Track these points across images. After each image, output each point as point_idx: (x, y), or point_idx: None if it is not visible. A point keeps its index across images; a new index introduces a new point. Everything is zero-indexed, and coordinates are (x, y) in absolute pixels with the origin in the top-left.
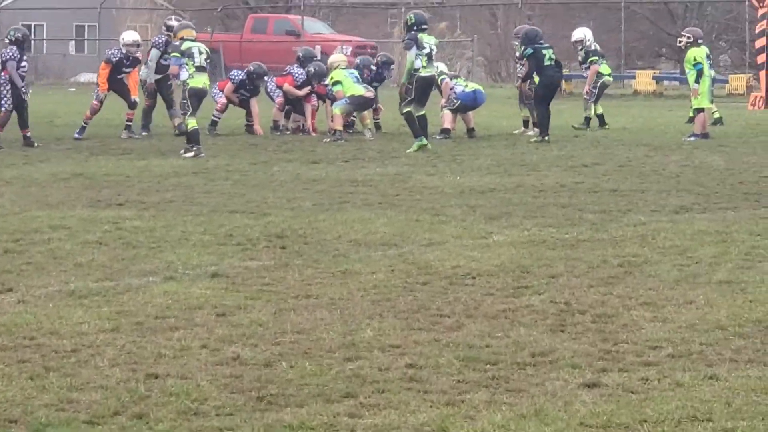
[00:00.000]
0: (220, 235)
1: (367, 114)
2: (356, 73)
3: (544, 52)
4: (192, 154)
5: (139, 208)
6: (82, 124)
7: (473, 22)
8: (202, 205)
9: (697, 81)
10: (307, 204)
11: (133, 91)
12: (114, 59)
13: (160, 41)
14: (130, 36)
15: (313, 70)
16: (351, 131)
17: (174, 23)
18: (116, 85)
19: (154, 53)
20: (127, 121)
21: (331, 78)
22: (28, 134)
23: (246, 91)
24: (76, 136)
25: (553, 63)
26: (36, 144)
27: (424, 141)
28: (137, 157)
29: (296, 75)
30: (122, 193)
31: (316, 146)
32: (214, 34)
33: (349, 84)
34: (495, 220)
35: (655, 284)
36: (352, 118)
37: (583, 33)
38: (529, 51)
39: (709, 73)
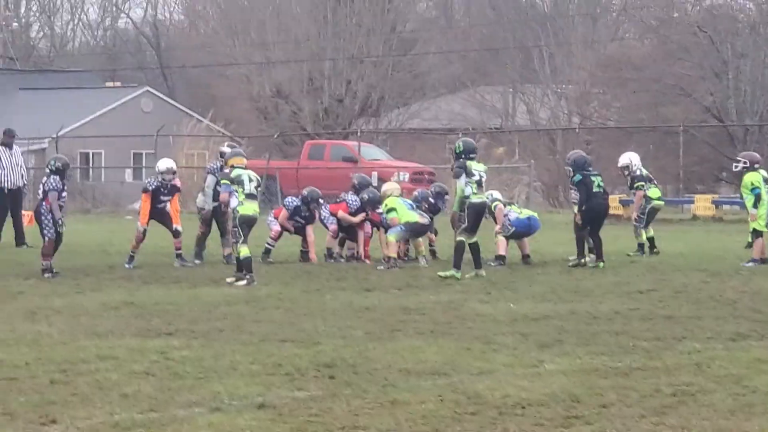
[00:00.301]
0: (268, 364)
1: (422, 241)
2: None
3: (593, 179)
4: (244, 282)
5: (188, 337)
6: (130, 253)
7: (531, 147)
8: (252, 334)
9: (755, 205)
10: (359, 332)
11: (175, 219)
12: (151, 187)
13: (216, 168)
14: (164, 164)
15: (367, 197)
16: (405, 258)
17: (227, 150)
18: (157, 214)
19: (210, 180)
20: (176, 250)
21: (386, 205)
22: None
23: (301, 218)
24: (127, 266)
25: (601, 190)
26: (56, 272)
27: (459, 275)
28: (188, 286)
29: (350, 202)
30: (172, 321)
31: (370, 274)
32: (270, 161)
33: (403, 211)
34: (547, 348)
35: (709, 414)
36: (407, 245)
37: (628, 158)
38: (578, 177)
39: (767, 197)
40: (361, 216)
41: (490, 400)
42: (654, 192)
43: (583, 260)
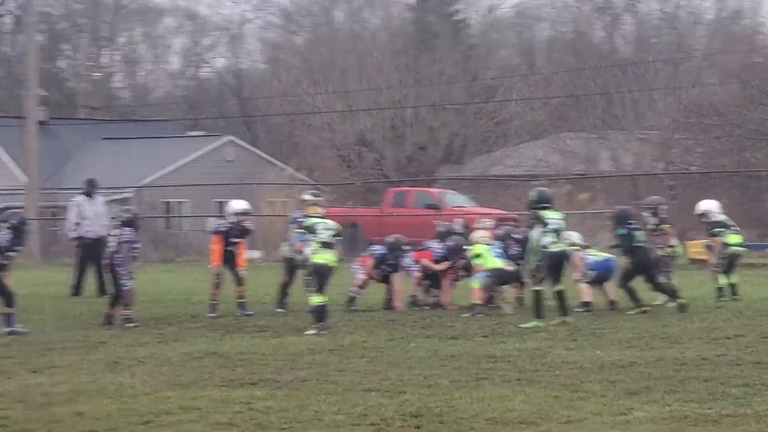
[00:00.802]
0: (353, 414)
1: (508, 288)
2: (498, 247)
3: (635, 233)
4: (313, 331)
5: (272, 387)
6: (211, 302)
7: (615, 192)
8: (336, 383)
9: None
10: (444, 381)
11: (239, 263)
12: (223, 229)
13: (299, 217)
14: (238, 204)
15: (452, 244)
16: (491, 305)
17: (309, 197)
18: (227, 258)
19: (294, 229)
20: (238, 298)
21: (473, 251)
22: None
23: (387, 265)
24: (209, 315)
25: (642, 244)
26: (114, 323)
27: (542, 324)
28: (272, 335)
29: (435, 250)
30: (256, 371)
31: (455, 321)
32: (352, 208)
33: (489, 257)
34: (635, 395)
35: None
36: (492, 292)
37: (707, 205)
38: (622, 231)
39: None
40: (445, 264)
41: None
42: (733, 238)
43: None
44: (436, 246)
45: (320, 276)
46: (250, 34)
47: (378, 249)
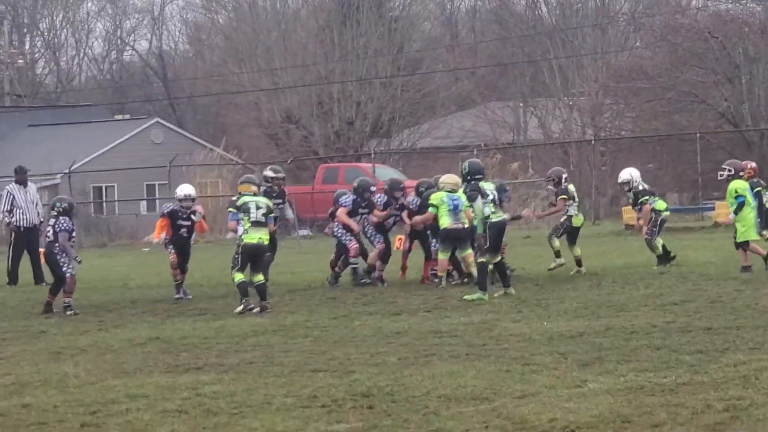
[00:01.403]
0: (303, 396)
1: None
2: (462, 200)
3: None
4: (241, 308)
5: (218, 371)
6: (175, 283)
7: (545, 160)
8: (282, 365)
9: (736, 212)
10: (392, 359)
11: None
12: (166, 210)
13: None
14: (182, 190)
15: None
16: (462, 275)
17: (270, 173)
18: (179, 242)
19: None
20: (176, 281)
21: (430, 200)
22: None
23: (363, 208)
24: (176, 297)
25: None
26: (55, 310)
27: (486, 297)
28: (213, 317)
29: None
30: (200, 356)
31: (397, 297)
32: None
33: (443, 212)
34: (588, 366)
35: (765, 429)
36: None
37: (629, 174)
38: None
39: (753, 204)
40: (385, 213)
41: (537, 424)
42: (660, 204)
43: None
44: (378, 197)
45: (251, 256)
46: (172, 15)
47: (347, 196)
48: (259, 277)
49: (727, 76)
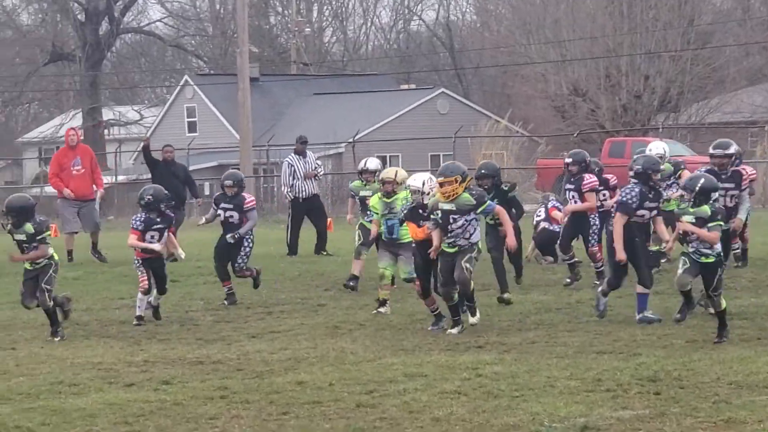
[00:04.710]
0: (587, 380)
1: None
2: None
3: None
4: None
5: (499, 350)
6: None
7: None
8: (566, 345)
9: None
10: (680, 341)
11: None
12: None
13: None
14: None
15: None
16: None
17: None
18: None
19: None
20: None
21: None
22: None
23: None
24: None
25: None
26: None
27: None
28: (495, 293)
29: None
30: (482, 334)
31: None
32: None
33: None
34: None
35: None
36: None
37: None
38: None
39: None
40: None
41: None
42: None
43: None
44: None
45: None
46: None
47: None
48: None
49: None
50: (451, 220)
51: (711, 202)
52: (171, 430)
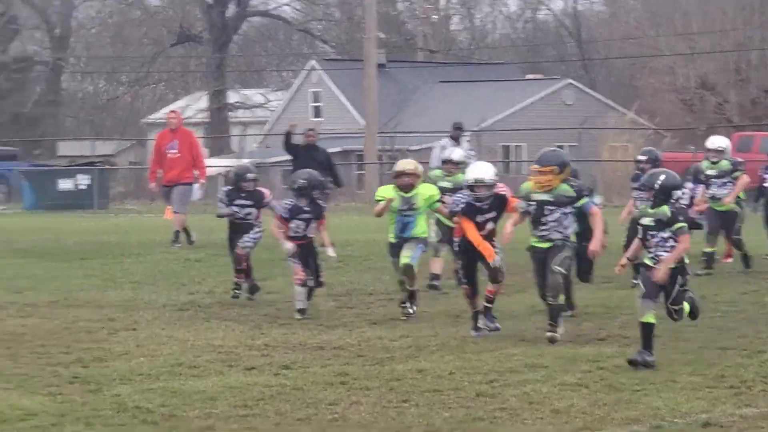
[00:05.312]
0: (710, 376)
1: None
2: None
3: None
4: None
5: (621, 343)
6: None
7: None
8: (689, 341)
9: None
10: None
11: None
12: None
13: None
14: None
15: None
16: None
17: None
18: None
19: None
20: None
21: None
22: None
23: None
24: None
25: None
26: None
27: None
28: (618, 286)
29: None
30: (603, 326)
31: None
32: (696, 153)
33: None
34: None
35: None
36: None
37: None
38: None
39: None
40: None
41: None
42: None
43: None
44: None
45: None
46: None
47: None
48: None
49: None
50: (546, 212)
51: (672, 201)
52: (290, 415)
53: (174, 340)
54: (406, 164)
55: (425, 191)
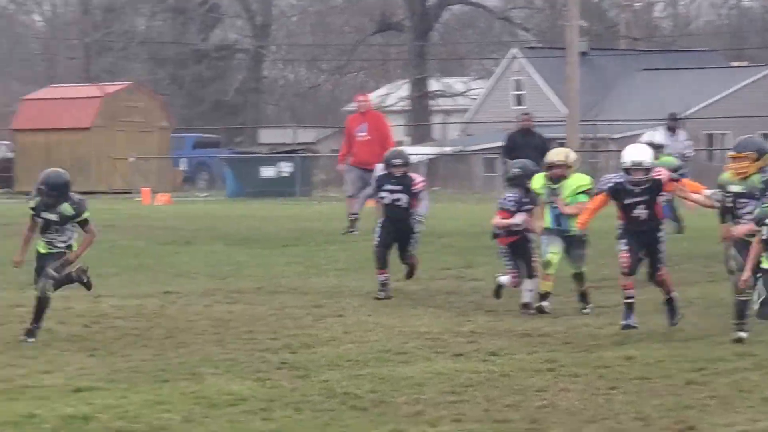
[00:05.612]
0: None
1: None
2: None
3: None
4: None
5: None
6: None
7: None
8: None
9: None
10: None
11: None
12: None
13: None
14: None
15: None
16: None
17: None
18: None
19: None
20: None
21: None
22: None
23: None
24: None
25: None
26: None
27: None
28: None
29: None
30: None
31: None
32: None
33: None
34: None
35: None
36: None
37: None
38: None
39: None
40: None
41: None
42: None
43: None
44: None
45: None
46: None
47: None
48: None
49: None
50: (739, 205)
51: None
52: (499, 401)
53: (381, 326)
54: (556, 155)
55: (573, 182)
